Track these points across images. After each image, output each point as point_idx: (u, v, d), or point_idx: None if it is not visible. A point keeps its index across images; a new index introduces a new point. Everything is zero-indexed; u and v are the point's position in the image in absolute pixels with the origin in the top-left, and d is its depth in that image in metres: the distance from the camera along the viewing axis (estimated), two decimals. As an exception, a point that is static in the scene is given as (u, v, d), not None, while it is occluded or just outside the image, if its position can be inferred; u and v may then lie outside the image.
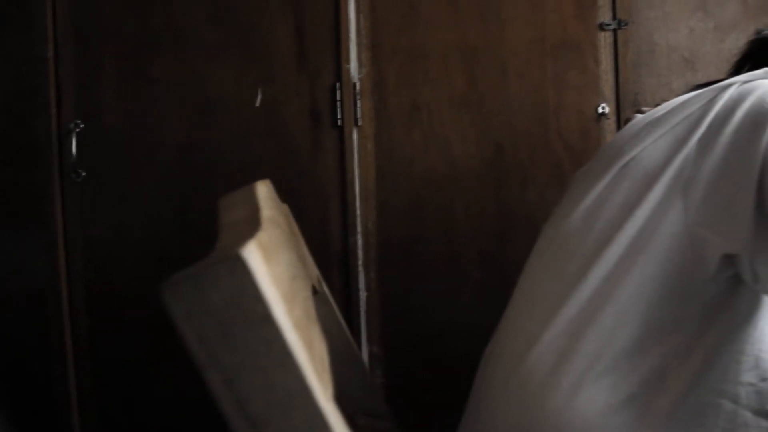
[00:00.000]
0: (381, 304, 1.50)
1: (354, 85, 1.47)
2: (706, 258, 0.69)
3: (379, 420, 1.13)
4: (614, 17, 1.50)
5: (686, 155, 0.72)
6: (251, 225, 0.55)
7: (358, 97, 1.47)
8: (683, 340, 0.71)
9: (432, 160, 1.49)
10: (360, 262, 1.49)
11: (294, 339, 0.45)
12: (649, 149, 0.76)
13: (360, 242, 1.49)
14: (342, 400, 1.20)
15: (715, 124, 0.71)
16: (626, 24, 1.50)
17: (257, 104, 1.47)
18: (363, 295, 1.49)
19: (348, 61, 1.47)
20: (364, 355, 1.51)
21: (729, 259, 0.69)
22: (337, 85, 1.47)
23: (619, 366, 0.71)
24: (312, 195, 1.48)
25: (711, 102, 0.74)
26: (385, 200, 1.50)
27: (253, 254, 0.44)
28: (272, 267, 0.48)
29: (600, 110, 1.48)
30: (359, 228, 1.49)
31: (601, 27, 1.50)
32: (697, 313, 0.72)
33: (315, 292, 1.04)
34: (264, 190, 0.80)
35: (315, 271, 1.11)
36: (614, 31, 1.50)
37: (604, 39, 1.50)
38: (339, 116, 1.47)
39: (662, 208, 0.72)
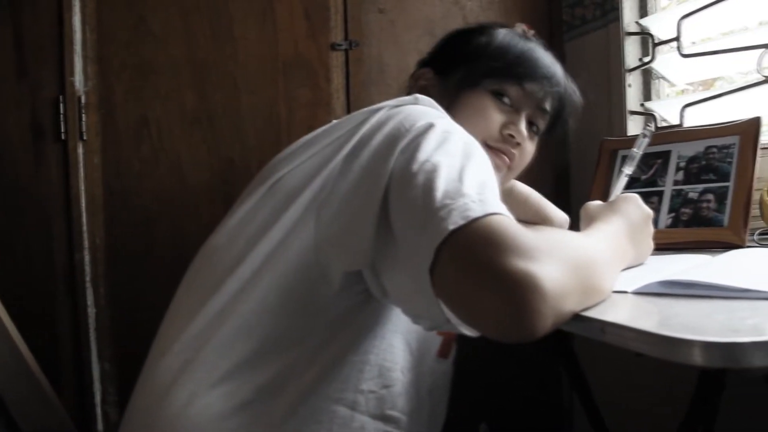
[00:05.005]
0: (112, 321, 1.48)
1: (79, 98, 1.44)
2: (330, 275, 0.72)
3: (60, 436, 1.11)
4: (346, 38, 1.56)
5: (328, 175, 0.74)
6: None
7: (83, 110, 1.45)
8: (305, 351, 0.74)
9: (162, 175, 1.49)
10: (88, 278, 1.46)
11: None
12: (297, 170, 0.78)
13: (87, 258, 1.46)
14: (19, 419, 1.16)
15: (358, 146, 0.74)
16: (357, 45, 1.56)
17: (-28, 116, 1.42)
18: (92, 311, 1.47)
19: (72, 74, 1.44)
20: (95, 372, 1.48)
21: (357, 275, 0.72)
22: (61, 98, 1.44)
23: (235, 376, 0.73)
24: (34, 210, 1.44)
25: (360, 125, 0.77)
26: (114, 215, 1.48)
27: None
28: None
29: (332, 127, 1.52)
30: (86, 244, 1.46)
31: (333, 47, 1.55)
32: (321, 327, 0.75)
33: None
34: None
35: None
36: (346, 51, 1.55)
37: (336, 58, 1.55)
38: (63, 130, 1.44)
39: (297, 226, 0.74)
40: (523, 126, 0.96)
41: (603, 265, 0.65)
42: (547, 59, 0.97)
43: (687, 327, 0.52)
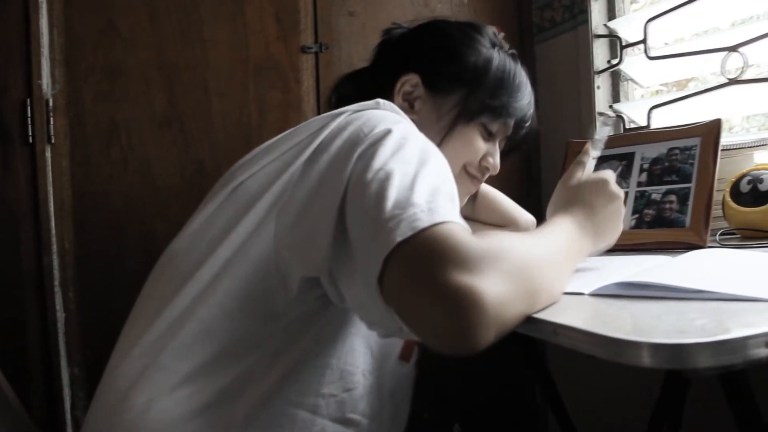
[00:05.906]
0: (81, 325, 1.47)
1: (47, 101, 1.43)
2: (288, 280, 0.72)
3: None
4: (316, 41, 1.56)
5: (288, 180, 0.74)
6: None
7: (51, 114, 1.43)
8: (265, 355, 0.74)
9: (131, 178, 1.48)
10: (57, 282, 1.45)
11: None
12: (257, 175, 0.78)
13: (56, 262, 1.45)
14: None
15: (318, 151, 0.74)
16: (327, 47, 1.56)
17: (-64, 120, 1.40)
18: (61, 316, 1.45)
19: (40, 77, 1.42)
20: (65, 377, 1.47)
21: (315, 281, 0.71)
22: (28, 101, 1.42)
23: (194, 380, 0.73)
24: (2, 215, 1.42)
25: (320, 130, 0.76)
26: (83, 219, 1.46)
27: None
28: None
29: (301, 130, 1.52)
30: (55, 248, 1.44)
31: (303, 49, 1.55)
32: (280, 331, 0.74)
33: None
34: None
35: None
36: (316, 53, 1.56)
37: (306, 61, 1.55)
38: (30, 133, 1.42)
39: (257, 231, 0.74)
40: (498, 156, 1.01)
41: (552, 268, 0.65)
42: (529, 92, 1.01)
43: (636, 329, 0.53)
